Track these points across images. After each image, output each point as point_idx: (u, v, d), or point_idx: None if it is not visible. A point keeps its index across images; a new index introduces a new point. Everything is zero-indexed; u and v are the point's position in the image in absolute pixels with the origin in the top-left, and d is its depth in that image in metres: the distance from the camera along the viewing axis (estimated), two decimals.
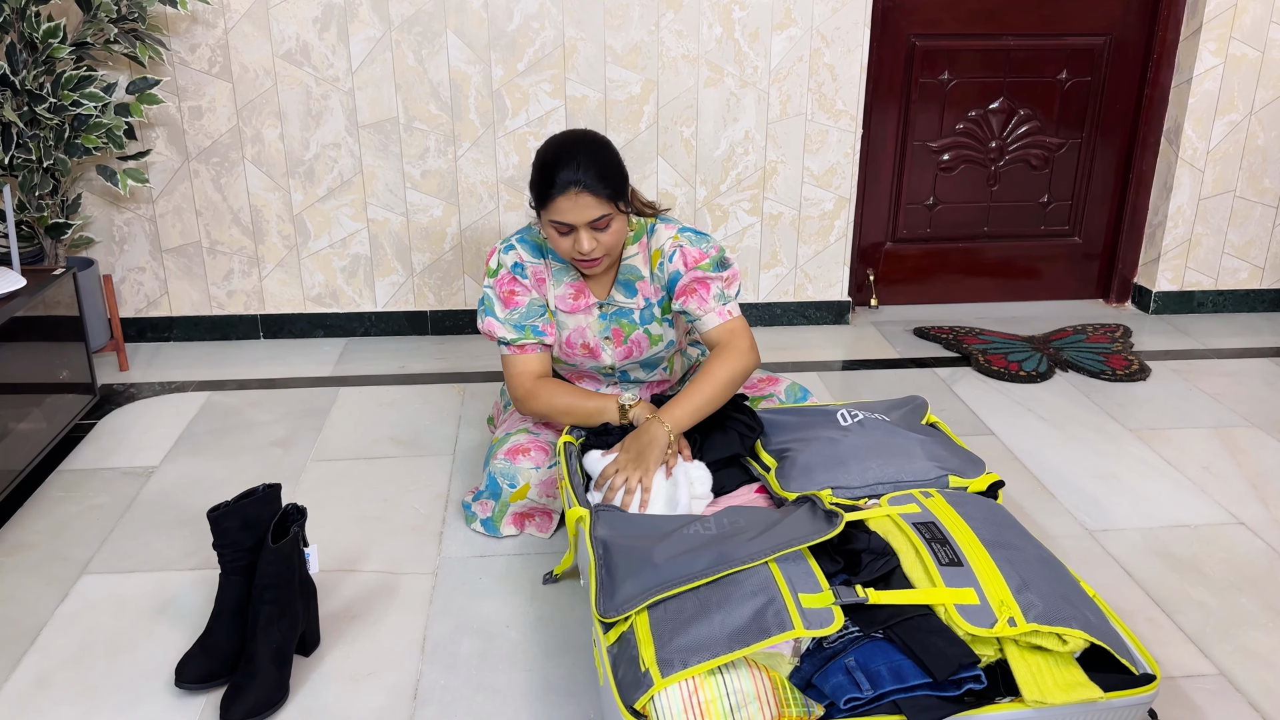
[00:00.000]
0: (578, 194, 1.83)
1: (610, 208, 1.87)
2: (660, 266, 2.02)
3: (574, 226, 1.87)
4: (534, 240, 2.06)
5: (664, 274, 2.03)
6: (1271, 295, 3.49)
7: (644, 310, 2.06)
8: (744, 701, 1.31)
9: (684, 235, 2.02)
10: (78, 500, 2.23)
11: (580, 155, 1.85)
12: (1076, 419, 2.65)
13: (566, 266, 2.04)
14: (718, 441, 1.91)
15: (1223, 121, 3.24)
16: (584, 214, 1.85)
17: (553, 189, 1.84)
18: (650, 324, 2.07)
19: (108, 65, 2.84)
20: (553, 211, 1.86)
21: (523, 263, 2.04)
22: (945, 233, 3.48)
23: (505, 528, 2.06)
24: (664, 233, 2.03)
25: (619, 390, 2.15)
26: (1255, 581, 1.95)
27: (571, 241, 1.89)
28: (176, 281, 3.13)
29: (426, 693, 1.64)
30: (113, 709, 1.60)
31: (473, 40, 2.93)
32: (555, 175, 1.84)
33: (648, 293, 2.05)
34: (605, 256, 1.93)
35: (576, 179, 1.83)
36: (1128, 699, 1.33)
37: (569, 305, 2.06)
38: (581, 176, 1.83)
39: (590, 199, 1.84)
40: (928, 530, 1.53)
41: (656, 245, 2.03)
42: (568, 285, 2.05)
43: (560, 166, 1.84)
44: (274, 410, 2.68)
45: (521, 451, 2.07)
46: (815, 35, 3.02)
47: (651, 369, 2.17)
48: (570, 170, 1.83)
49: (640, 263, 2.04)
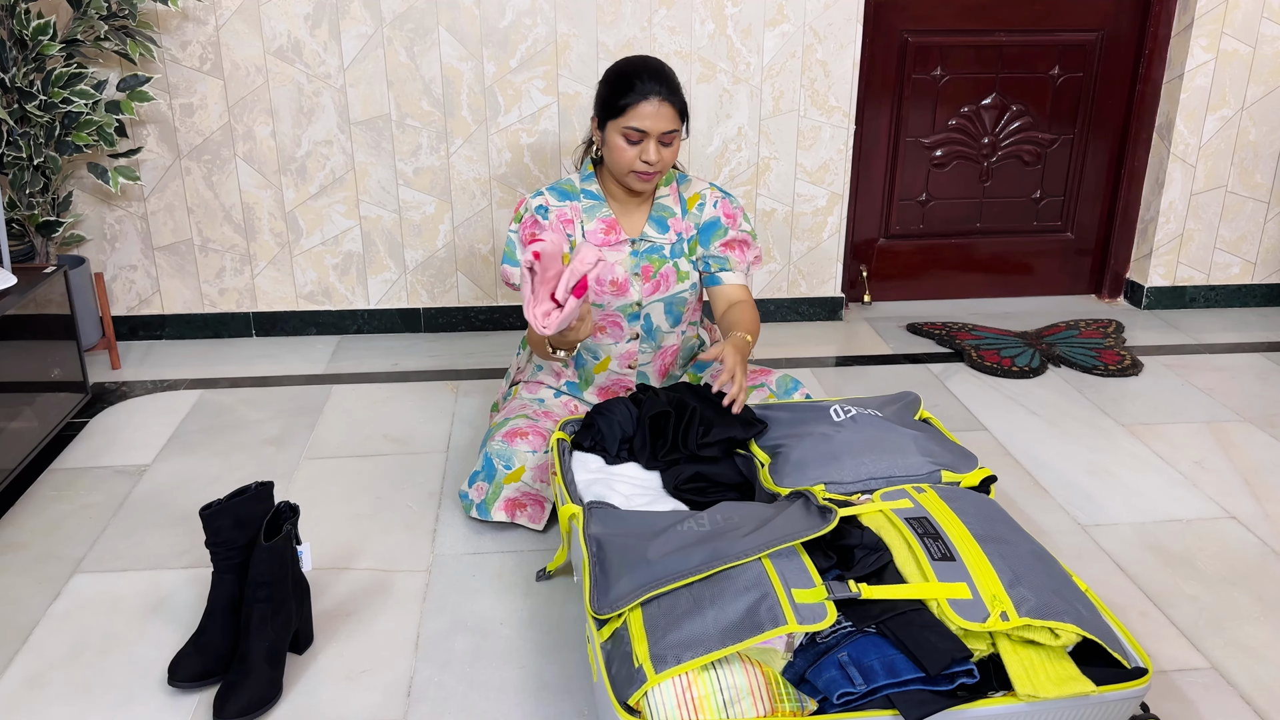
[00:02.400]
0: (660, 102, 1.97)
1: (679, 124, 2.02)
2: (699, 207, 2.18)
3: (646, 135, 1.98)
4: (563, 187, 2.17)
5: (701, 214, 2.18)
6: (1263, 290, 3.50)
7: (674, 245, 2.18)
8: (737, 697, 1.31)
9: (717, 189, 2.21)
10: (70, 499, 2.22)
11: (663, 69, 2.01)
12: (1069, 414, 2.65)
13: (599, 204, 2.14)
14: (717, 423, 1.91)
15: (1214, 117, 3.25)
16: (662, 123, 1.98)
17: (635, 95, 1.97)
18: (679, 258, 2.18)
19: (98, 62, 2.82)
20: (631, 117, 1.97)
21: (546, 206, 2.13)
22: (938, 229, 3.48)
23: (497, 512, 2.06)
24: (697, 182, 2.22)
25: (638, 345, 2.21)
26: (1247, 575, 1.96)
27: (638, 151, 2.00)
28: (168, 279, 3.12)
29: (420, 690, 1.64)
30: (106, 708, 1.60)
31: (465, 37, 2.93)
32: (639, 83, 1.97)
33: (679, 228, 2.17)
34: (658, 174, 2.05)
35: (659, 89, 1.97)
36: (1120, 693, 1.34)
37: (600, 240, 2.14)
38: (664, 88, 1.98)
39: (670, 110, 1.99)
40: (920, 525, 1.54)
41: (695, 190, 2.20)
42: (599, 221, 2.14)
43: (645, 76, 1.98)
44: (267, 408, 2.68)
45: (519, 435, 2.09)
46: (808, 31, 3.02)
47: (672, 315, 2.21)
48: (654, 81, 1.97)
49: (672, 202, 2.19)
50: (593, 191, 2.16)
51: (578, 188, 2.16)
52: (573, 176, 2.19)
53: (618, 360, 2.22)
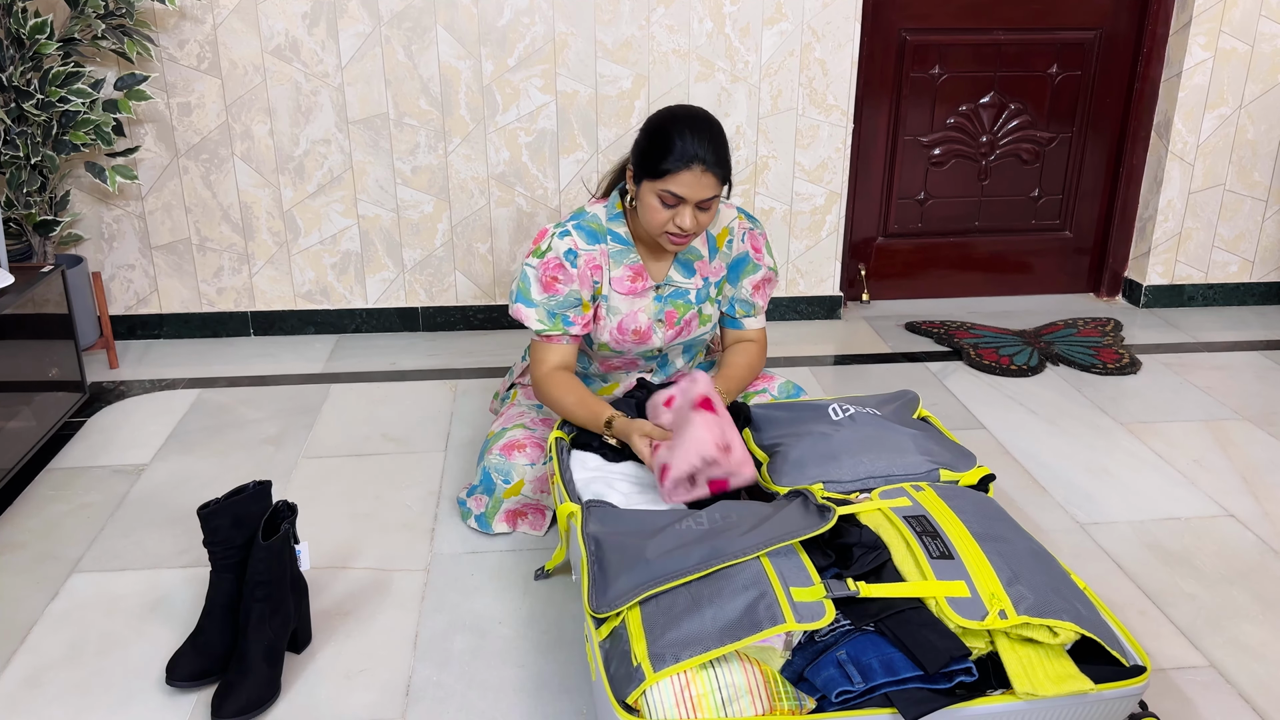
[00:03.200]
0: (703, 172, 1.82)
1: (720, 190, 1.88)
2: (729, 244, 2.08)
3: (683, 200, 1.85)
4: (590, 226, 2.02)
5: (731, 252, 2.08)
6: (1261, 289, 3.50)
7: (700, 290, 2.08)
8: (736, 695, 1.31)
9: (744, 215, 2.09)
10: (68, 499, 2.22)
11: (712, 133, 1.85)
12: (1067, 413, 2.65)
13: (626, 249, 2.02)
14: None
15: (1212, 115, 3.25)
16: (701, 192, 1.84)
17: (678, 160, 1.82)
18: (704, 303, 2.09)
19: (95, 61, 2.82)
20: (670, 183, 1.83)
21: (576, 250, 1.98)
22: (936, 227, 3.48)
23: (498, 525, 2.06)
24: (726, 212, 2.08)
25: (654, 371, 2.19)
26: (1246, 574, 1.96)
27: (671, 215, 1.87)
28: (166, 279, 3.11)
29: (419, 689, 1.64)
30: (104, 707, 1.60)
31: (463, 35, 2.93)
32: (684, 147, 1.82)
33: (706, 272, 2.08)
34: (691, 239, 1.93)
35: (705, 156, 1.82)
36: (1118, 691, 1.34)
37: (626, 288, 2.03)
38: (709, 155, 1.82)
39: (711, 179, 1.84)
40: (919, 524, 1.53)
41: (724, 225, 2.07)
42: (626, 268, 2.03)
43: (691, 140, 1.82)
44: (265, 407, 2.67)
45: (517, 447, 2.07)
46: (806, 30, 3.02)
47: (689, 354, 2.20)
48: (702, 146, 1.82)
49: (699, 243, 2.06)
50: (620, 235, 2.02)
51: (604, 226, 2.02)
52: (597, 210, 2.03)
53: (625, 385, 2.20)
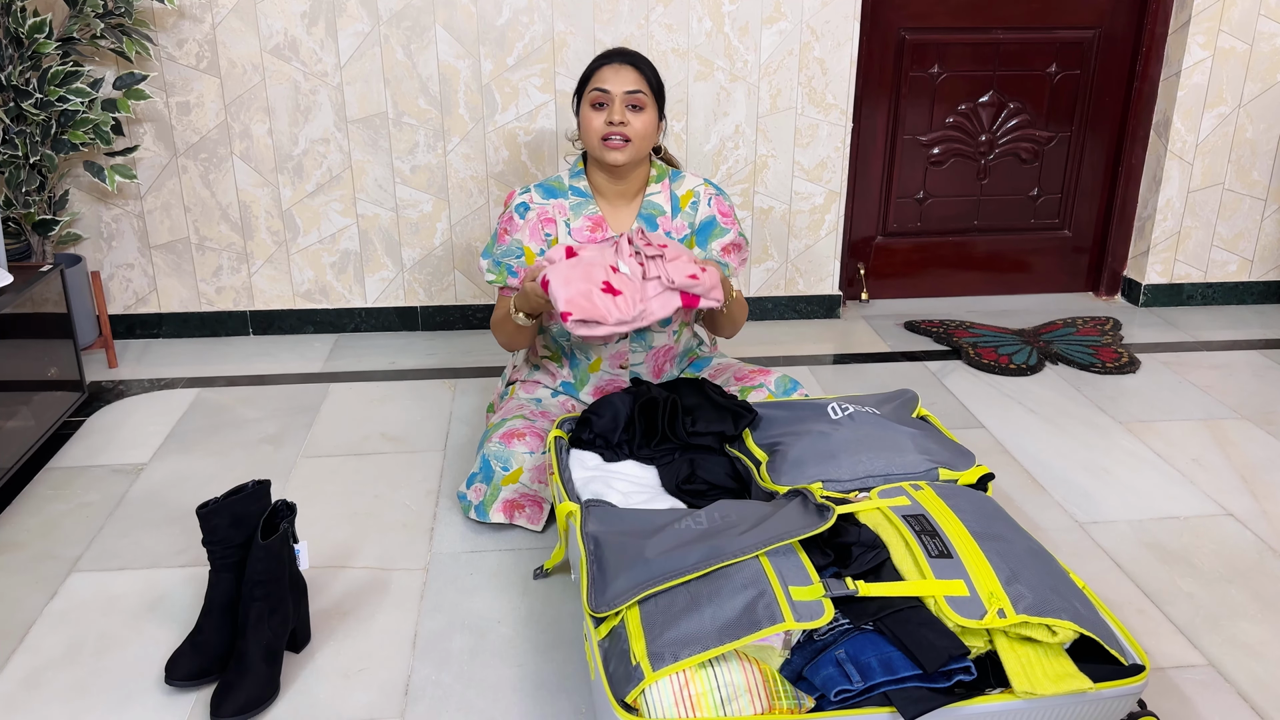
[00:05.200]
0: (620, 65, 2.04)
1: (647, 89, 2.05)
2: (693, 205, 2.18)
3: (609, 96, 2.02)
4: (551, 184, 2.18)
5: (695, 213, 2.17)
6: (1260, 288, 3.50)
7: None
8: (735, 694, 1.31)
9: (711, 186, 2.20)
10: (66, 498, 2.22)
11: (631, 49, 2.11)
12: (1066, 412, 2.65)
13: (585, 200, 2.14)
14: (710, 415, 1.92)
15: (1211, 114, 3.25)
16: (623, 84, 2.02)
17: (597, 62, 2.06)
18: None
19: (94, 60, 2.82)
20: (595, 80, 2.04)
21: (530, 204, 2.14)
22: (935, 226, 3.48)
23: (495, 514, 2.06)
24: (691, 179, 2.21)
25: (628, 345, 2.19)
26: (1244, 573, 1.96)
27: (605, 115, 2.02)
28: (165, 278, 3.11)
29: (418, 689, 1.64)
30: (103, 707, 1.60)
31: (462, 35, 2.92)
32: (602, 55, 2.08)
33: (669, 227, 2.16)
34: (630, 145, 2.04)
35: (620, 56, 2.06)
36: (1117, 689, 1.34)
37: (585, 237, 2.13)
38: (625, 56, 2.06)
39: (632, 73, 2.04)
40: (917, 523, 1.54)
41: (688, 188, 2.19)
42: (586, 218, 2.14)
43: (610, 51, 2.09)
44: (264, 407, 2.67)
45: (517, 436, 2.08)
46: (805, 29, 3.02)
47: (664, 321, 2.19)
48: (619, 53, 2.07)
49: (663, 200, 2.17)
50: (580, 189, 2.16)
51: (565, 184, 2.17)
52: (563, 174, 2.20)
53: (609, 361, 2.21)
